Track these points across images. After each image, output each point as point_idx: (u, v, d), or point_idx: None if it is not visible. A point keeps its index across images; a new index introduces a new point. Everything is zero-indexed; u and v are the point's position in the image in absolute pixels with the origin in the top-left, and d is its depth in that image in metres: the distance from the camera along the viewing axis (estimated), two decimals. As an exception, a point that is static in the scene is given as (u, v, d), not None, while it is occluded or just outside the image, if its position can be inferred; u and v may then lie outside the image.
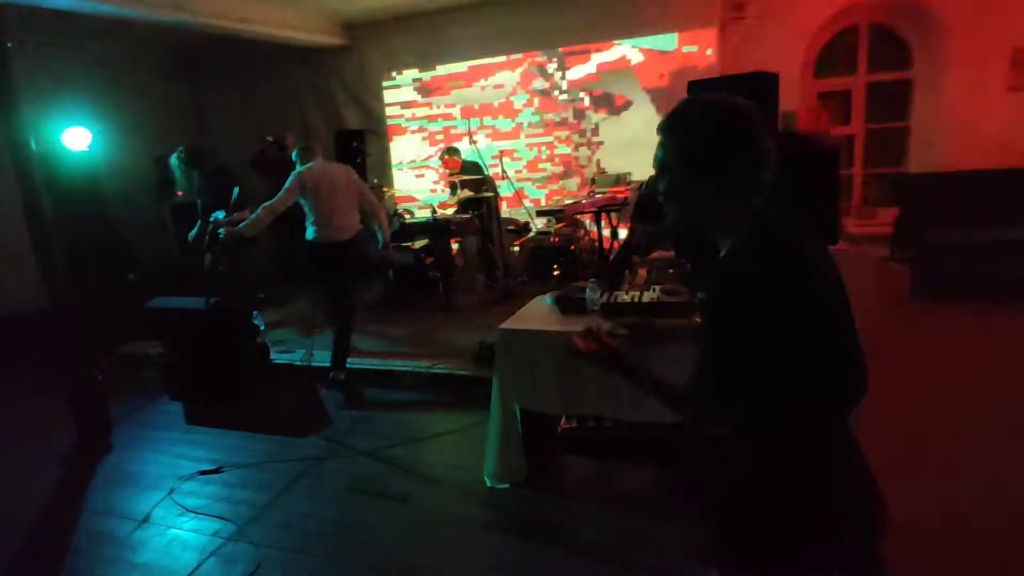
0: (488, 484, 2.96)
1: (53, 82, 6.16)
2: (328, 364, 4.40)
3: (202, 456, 3.62)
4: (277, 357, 4.84)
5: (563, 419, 3.32)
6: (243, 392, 4.42)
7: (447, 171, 6.40)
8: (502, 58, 7.02)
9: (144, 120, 7.30)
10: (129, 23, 5.32)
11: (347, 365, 4.41)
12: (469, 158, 6.27)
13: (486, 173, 6.26)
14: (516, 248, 6.60)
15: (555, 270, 6.20)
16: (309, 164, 4.39)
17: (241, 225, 4.28)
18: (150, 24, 5.52)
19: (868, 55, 6.20)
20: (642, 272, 3.42)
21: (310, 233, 4.40)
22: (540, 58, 6.90)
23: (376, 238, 4.65)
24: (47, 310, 3.98)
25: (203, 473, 3.40)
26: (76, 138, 5.50)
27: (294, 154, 4.57)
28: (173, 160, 5.15)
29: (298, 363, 4.73)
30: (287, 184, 4.27)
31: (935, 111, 5.93)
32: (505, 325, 2.87)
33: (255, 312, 4.91)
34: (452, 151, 6.31)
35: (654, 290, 2.92)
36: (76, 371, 4.01)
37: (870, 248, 5.93)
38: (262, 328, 4.80)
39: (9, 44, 3.65)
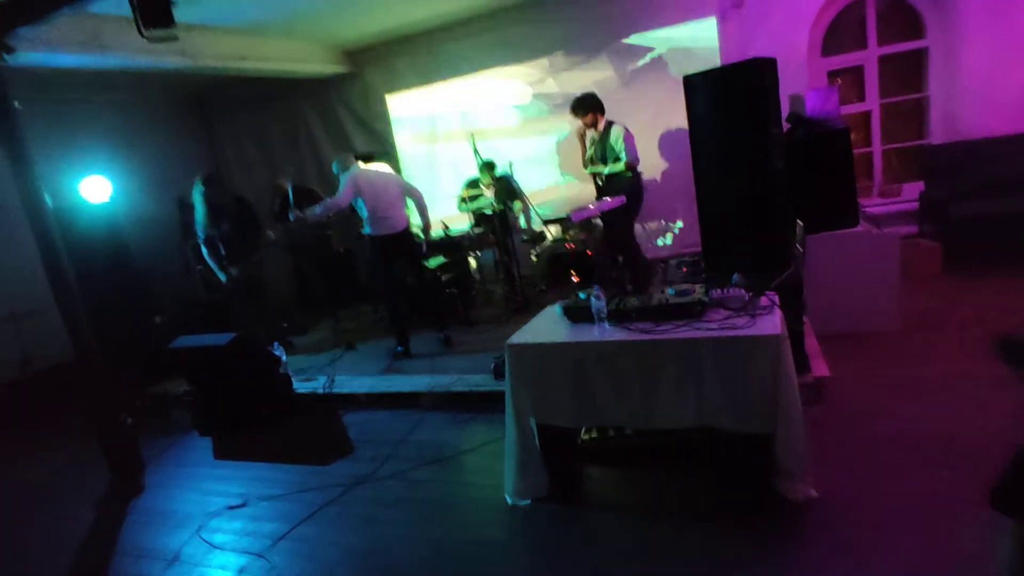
0: (509, 502, 2.90)
1: (68, 137, 6.38)
2: (350, 391, 4.62)
3: (230, 490, 3.65)
4: (299, 386, 4.87)
5: (583, 430, 3.25)
6: (267, 424, 4.47)
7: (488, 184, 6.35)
8: (504, 68, 7.01)
9: (161, 164, 7.50)
10: (136, 72, 5.47)
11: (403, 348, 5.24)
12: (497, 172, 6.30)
13: (516, 185, 6.29)
14: (534, 257, 6.57)
15: (573, 276, 6.14)
16: (356, 167, 5.06)
17: (309, 211, 5.02)
18: (156, 72, 5.67)
19: (878, 28, 6.00)
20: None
21: (368, 229, 5.08)
22: (541, 62, 6.87)
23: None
24: (74, 362, 4.10)
25: (230, 508, 3.42)
26: (95, 189, 5.66)
27: (335, 166, 5.21)
28: (195, 193, 5.36)
29: (320, 392, 4.75)
30: (342, 186, 4.94)
31: (953, 79, 5.70)
32: (513, 340, 2.82)
33: (275, 343, 4.96)
34: (491, 166, 6.30)
35: (663, 291, 2.85)
36: (105, 418, 4.10)
37: (897, 227, 5.71)
38: (283, 359, 4.84)
39: (18, 105, 3.77)
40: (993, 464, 1.36)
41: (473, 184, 6.48)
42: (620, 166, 5.10)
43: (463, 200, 6.55)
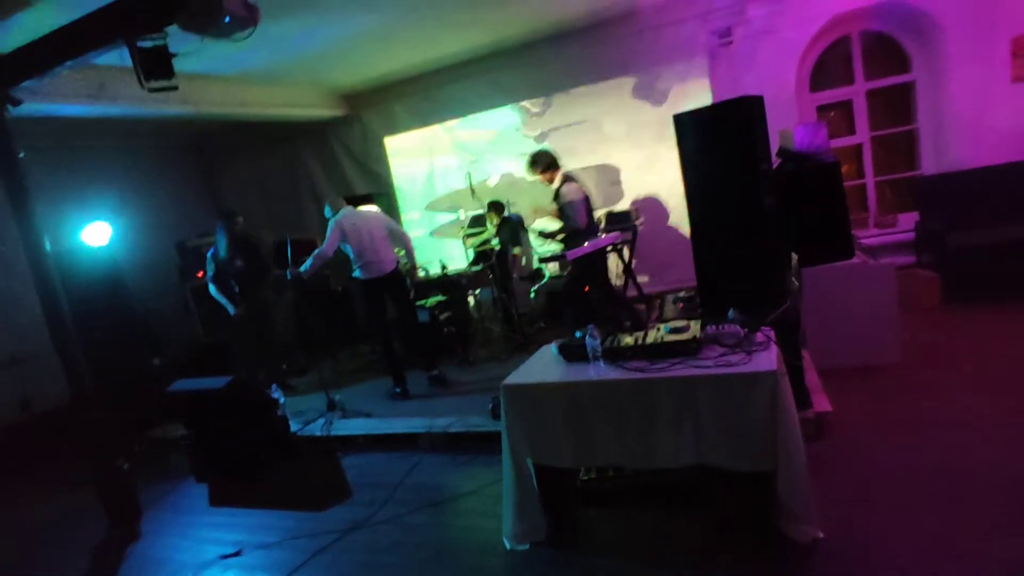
0: (508, 547, 2.84)
1: (69, 181, 6.49)
2: (348, 433, 4.57)
3: (224, 538, 3.58)
4: (297, 429, 4.82)
5: (581, 470, 3.20)
6: (264, 469, 4.41)
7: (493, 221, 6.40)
8: (500, 108, 7.15)
9: (162, 207, 7.61)
10: (137, 119, 5.59)
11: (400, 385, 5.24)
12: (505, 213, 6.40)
13: (521, 231, 6.40)
14: (532, 295, 6.58)
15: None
16: (343, 212, 5.10)
17: (302, 269, 5.04)
18: (159, 119, 5.80)
19: (864, 63, 6.13)
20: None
21: (357, 273, 5.13)
22: (535, 103, 7.00)
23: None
24: (72, 406, 4.09)
25: (223, 557, 3.35)
26: (96, 233, 5.72)
27: (326, 210, 5.22)
28: (219, 226, 5.57)
29: (319, 434, 4.70)
30: (328, 233, 5.00)
31: (941, 111, 5.80)
32: (508, 380, 2.80)
33: (274, 386, 4.94)
34: (498, 207, 6.38)
35: (659, 329, 2.84)
36: (102, 464, 4.06)
37: (894, 257, 5.72)
38: (282, 401, 4.81)
39: (21, 154, 3.85)
40: (1001, 500, 1.32)
41: (477, 222, 6.51)
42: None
43: (466, 237, 6.55)
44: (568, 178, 5.04)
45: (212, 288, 5.54)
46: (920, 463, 2.93)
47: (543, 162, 5.03)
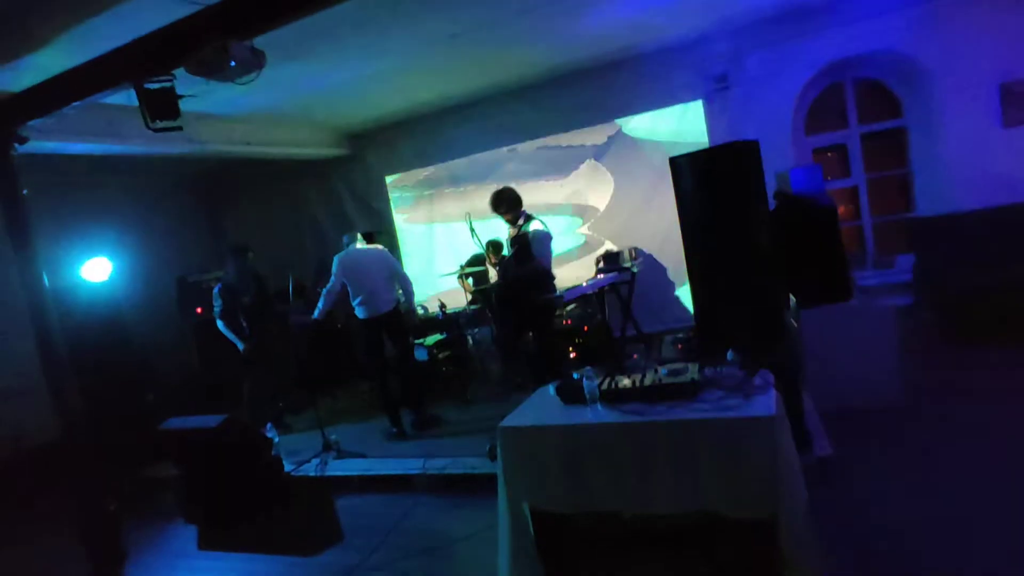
0: (502, 595, 2.75)
1: (70, 216, 6.55)
2: (343, 473, 4.51)
3: (212, 584, 3.48)
4: (291, 469, 4.73)
5: (579, 516, 3.12)
6: (255, 510, 4.30)
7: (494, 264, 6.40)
8: (501, 150, 7.26)
9: (163, 242, 7.66)
10: (142, 156, 5.67)
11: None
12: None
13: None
14: (531, 334, 6.54)
15: (571, 353, 6.11)
16: (351, 247, 5.20)
17: (314, 314, 5.19)
18: (163, 156, 5.89)
19: (858, 107, 6.26)
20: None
21: (358, 312, 5.17)
22: (535, 143, 7.11)
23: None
24: (62, 445, 4.03)
25: (210, 605, 3.25)
26: (96, 269, 5.74)
27: (344, 242, 5.35)
28: (231, 259, 5.71)
29: (312, 474, 4.62)
30: (333, 270, 5.12)
31: (934, 155, 5.89)
32: (506, 422, 2.76)
33: (268, 424, 4.87)
34: (496, 246, 6.37)
35: (657, 370, 2.81)
36: (89, 506, 3.97)
37: (893, 298, 5.72)
38: (276, 440, 4.73)
39: (25, 191, 3.89)
40: (1010, 549, 1.28)
41: (477, 261, 6.50)
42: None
43: (462, 276, 6.56)
44: (532, 217, 4.94)
45: (221, 324, 5.53)
46: (925, 510, 2.86)
47: (507, 201, 4.90)
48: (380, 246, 5.64)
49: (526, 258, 4.83)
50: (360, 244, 5.33)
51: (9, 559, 4.38)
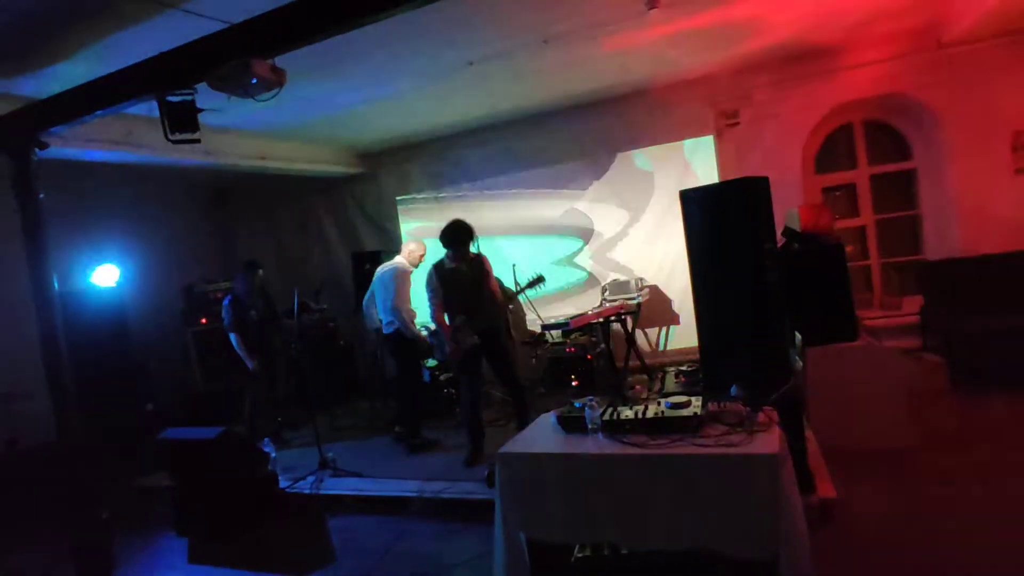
0: (494, 626, 2.70)
1: (82, 221, 6.61)
2: (338, 492, 4.51)
3: (199, 601, 3.42)
4: (286, 485, 4.69)
5: (576, 547, 3.07)
6: (248, 526, 4.25)
7: None
8: (512, 176, 7.32)
9: (172, 252, 7.71)
10: (158, 166, 5.75)
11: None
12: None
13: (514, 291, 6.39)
14: (533, 360, 6.54)
15: (573, 380, 6.08)
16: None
17: (410, 336, 5.08)
18: (179, 167, 5.97)
19: (868, 148, 6.30)
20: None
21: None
22: (545, 171, 7.17)
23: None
24: (58, 450, 4.01)
25: (197, 622, 3.19)
26: (104, 275, 5.79)
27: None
28: (242, 275, 5.71)
29: (308, 491, 4.58)
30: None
31: (943, 198, 5.91)
32: (505, 448, 2.74)
33: (266, 439, 4.84)
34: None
35: (660, 403, 2.79)
36: (81, 513, 3.94)
37: (899, 340, 5.69)
38: (273, 456, 4.70)
39: (41, 195, 3.94)
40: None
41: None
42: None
43: None
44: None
45: (233, 338, 5.55)
46: (928, 556, 2.81)
47: (457, 237, 4.50)
48: (395, 264, 5.54)
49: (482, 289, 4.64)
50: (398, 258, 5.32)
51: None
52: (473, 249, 4.63)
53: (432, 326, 4.93)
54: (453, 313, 4.67)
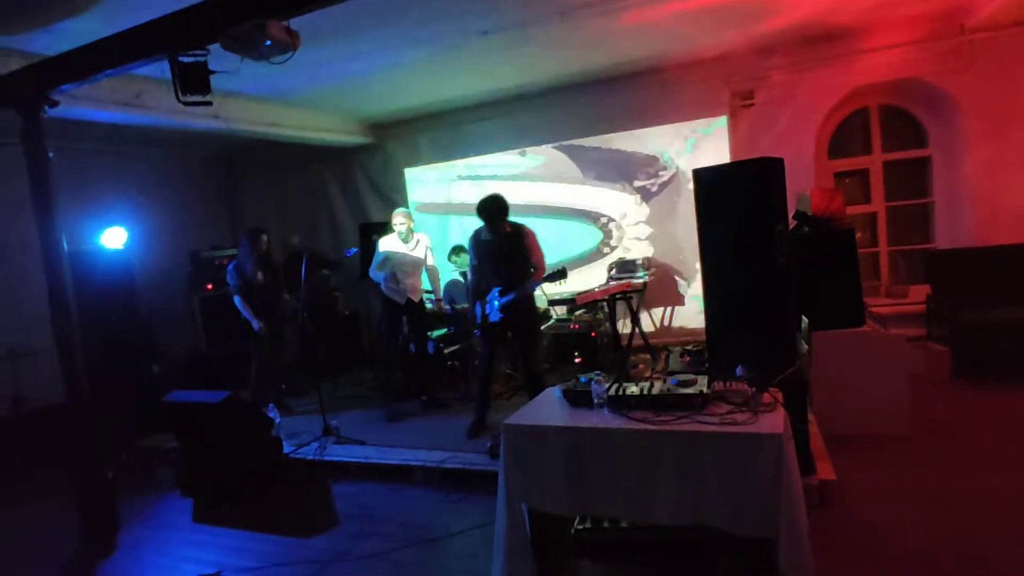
0: (494, 592, 2.75)
1: (91, 183, 6.61)
2: (341, 459, 4.56)
3: (204, 558, 3.49)
4: (290, 450, 4.75)
5: (576, 520, 3.12)
6: (252, 489, 4.33)
7: None
8: (522, 150, 7.26)
9: (180, 217, 7.72)
10: (167, 129, 5.70)
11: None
12: None
13: None
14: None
15: (576, 358, 6.11)
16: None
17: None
18: (188, 131, 5.93)
19: (882, 134, 6.22)
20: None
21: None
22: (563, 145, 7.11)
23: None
24: (64, 408, 4.06)
25: (202, 578, 3.26)
26: (112, 237, 5.79)
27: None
28: (246, 240, 5.71)
29: (311, 457, 4.63)
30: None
31: (957, 187, 5.85)
32: (510, 420, 2.76)
33: (271, 405, 4.89)
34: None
35: (665, 380, 2.80)
36: (86, 472, 4.00)
37: (904, 328, 5.68)
38: (277, 421, 4.75)
39: (51, 154, 3.92)
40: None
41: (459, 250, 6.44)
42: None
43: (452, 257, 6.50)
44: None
45: (238, 300, 5.57)
46: (922, 540, 2.85)
47: (503, 210, 4.54)
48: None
49: (520, 259, 4.60)
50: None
51: (2, 520, 4.40)
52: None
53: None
54: (486, 285, 4.69)
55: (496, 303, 4.57)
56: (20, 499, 4.81)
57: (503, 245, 4.59)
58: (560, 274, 4.59)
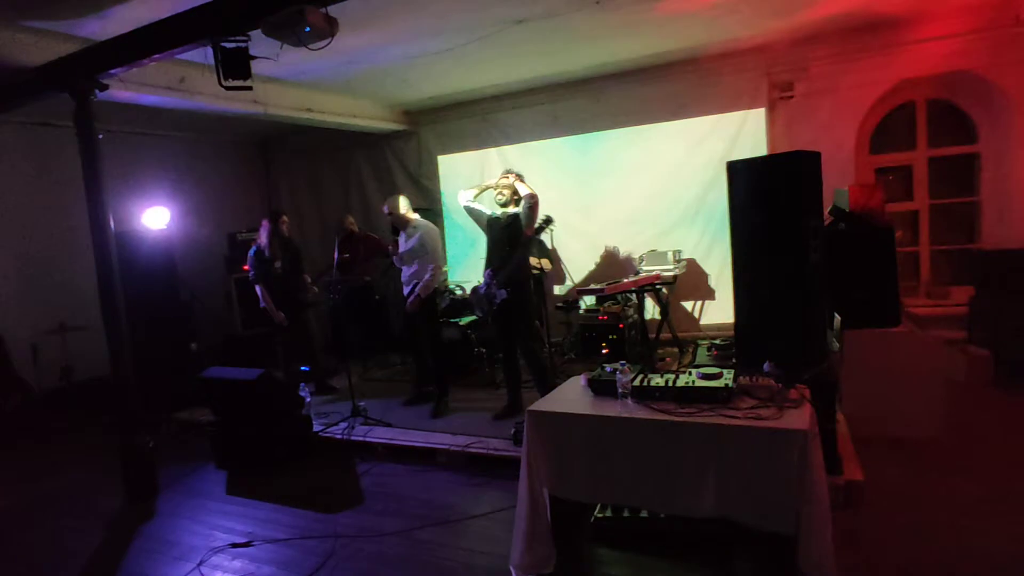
0: (513, 575, 2.80)
1: (134, 165, 6.85)
2: (368, 440, 4.66)
3: (236, 528, 3.63)
4: (319, 429, 4.88)
5: (597, 507, 3.15)
6: (283, 464, 4.47)
7: None
8: (554, 140, 7.24)
9: (218, 199, 7.95)
10: (207, 113, 5.86)
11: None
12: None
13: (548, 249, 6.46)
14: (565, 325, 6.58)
15: (603, 348, 6.10)
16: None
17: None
18: (228, 115, 6.07)
19: (928, 129, 6.02)
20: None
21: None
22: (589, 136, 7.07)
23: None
24: (109, 380, 4.26)
25: (234, 546, 3.39)
26: (155, 218, 6.00)
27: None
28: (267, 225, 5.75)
29: (339, 437, 4.75)
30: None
31: (1006, 185, 5.63)
32: (534, 407, 2.80)
33: (302, 384, 5.02)
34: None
35: (691, 373, 2.80)
36: (129, 440, 4.19)
37: (945, 330, 5.52)
38: (308, 400, 4.88)
39: (100, 135, 4.08)
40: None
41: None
42: None
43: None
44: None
45: (259, 290, 5.66)
46: (951, 547, 2.79)
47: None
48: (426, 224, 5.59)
49: (517, 226, 4.62)
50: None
51: (48, 485, 4.64)
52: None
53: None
54: (490, 265, 4.73)
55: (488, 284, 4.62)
56: (68, 463, 5.07)
57: (506, 223, 4.65)
58: (548, 221, 4.60)
